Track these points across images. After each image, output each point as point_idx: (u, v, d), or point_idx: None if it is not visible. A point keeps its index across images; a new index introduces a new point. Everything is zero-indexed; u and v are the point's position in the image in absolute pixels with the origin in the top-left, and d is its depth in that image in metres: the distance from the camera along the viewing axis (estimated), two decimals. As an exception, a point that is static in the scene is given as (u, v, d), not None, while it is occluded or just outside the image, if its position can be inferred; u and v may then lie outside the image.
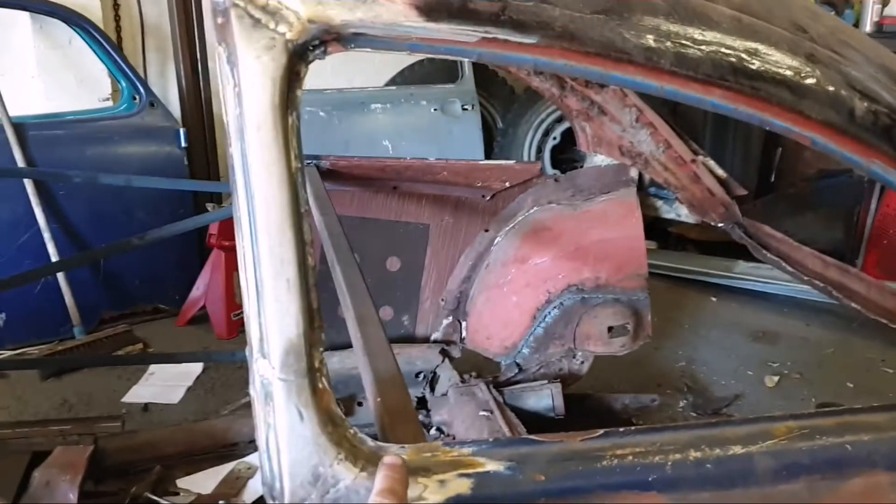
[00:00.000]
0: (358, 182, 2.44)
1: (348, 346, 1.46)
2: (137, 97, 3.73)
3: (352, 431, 0.83)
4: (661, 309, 3.64)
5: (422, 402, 2.55)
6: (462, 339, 2.64)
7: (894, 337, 2.06)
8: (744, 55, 0.96)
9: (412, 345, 2.61)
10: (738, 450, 0.92)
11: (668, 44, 0.92)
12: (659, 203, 2.68)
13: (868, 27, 3.86)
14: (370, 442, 0.83)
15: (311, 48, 0.83)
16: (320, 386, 0.82)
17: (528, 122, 4.81)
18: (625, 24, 0.91)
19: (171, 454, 2.24)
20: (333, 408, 0.82)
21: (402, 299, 2.64)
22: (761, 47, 0.98)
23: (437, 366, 2.56)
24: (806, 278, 2.16)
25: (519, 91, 5.05)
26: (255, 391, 0.83)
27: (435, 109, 4.57)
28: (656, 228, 4.43)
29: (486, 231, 2.59)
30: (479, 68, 4.57)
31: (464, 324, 2.65)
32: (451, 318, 2.65)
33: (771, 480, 0.93)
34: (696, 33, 0.94)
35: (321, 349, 0.82)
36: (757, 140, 4.63)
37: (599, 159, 2.56)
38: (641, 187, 2.58)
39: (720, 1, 1.00)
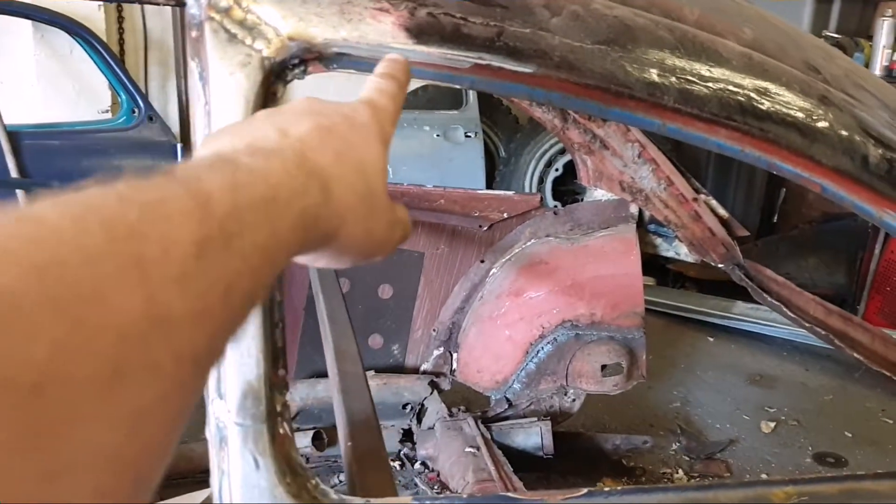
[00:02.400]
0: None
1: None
2: (136, 110, 3.70)
3: (313, 483, 0.76)
4: (656, 347, 3.58)
5: (408, 435, 2.48)
6: (452, 372, 2.58)
7: (895, 387, 2.00)
8: (753, 94, 0.90)
9: (401, 375, 2.55)
10: (732, 517, 0.85)
11: (673, 79, 0.87)
12: (658, 240, 2.63)
13: (878, 71, 3.83)
14: (332, 495, 0.77)
15: (290, 67, 0.77)
16: (281, 431, 0.75)
17: (531, 153, 4.77)
18: (627, 57, 0.85)
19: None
20: (294, 456, 0.76)
21: (393, 328, 2.58)
22: (772, 87, 0.92)
23: (426, 398, 2.50)
24: (807, 325, 2.10)
25: (523, 121, 5.01)
26: (209, 434, 0.76)
27: (437, 135, 4.53)
28: (655, 265, 4.37)
29: (482, 262, 2.53)
30: (483, 96, 4.53)
31: (455, 355, 2.59)
32: (442, 349, 2.59)
33: (767, 552, 0.86)
34: (703, 69, 0.89)
35: (284, 392, 0.76)
36: (760, 180, 4.59)
37: (600, 194, 2.51)
38: (641, 224, 2.54)
39: (730, 36, 0.95)
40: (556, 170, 4.78)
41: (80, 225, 0.33)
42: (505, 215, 2.49)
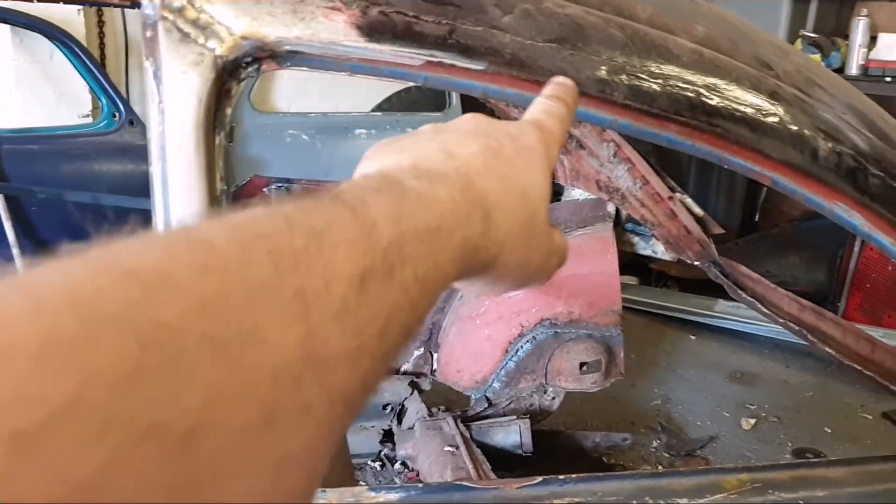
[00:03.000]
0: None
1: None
2: (117, 114, 3.69)
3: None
4: (638, 346, 3.61)
5: (388, 435, 2.49)
6: (433, 372, 2.59)
7: (876, 385, 2.02)
8: (702, 90, 0.92)
9: (381, 375, 2.56)
10: (683, 502, 0.87)
11: (623, 76, 0.89)
12: (635, 239, 2.66)
13: (854, 70, 3.86)
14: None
15: (243, 65, 0.79)
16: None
17: (514, 154, 4.79)
18: (578, 55, 0.87)
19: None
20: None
21: (373, 328, 2.59)
22: (721, 83, 0.94)
23: (406, 398, 2.52)
24: (781, 320, 2.13)
25: (506, 122, 5.04)
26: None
27: (420, 137, 4.54)
28: (637, 264, 4.40)
29: (461, 261, 2.55)
30: (467, 98, 4.55)
31: (435, 356, 2.60)
32: (422, 349, 2.60)
33: (719, 537, 0.88)
34: (653, 66, 0.91)
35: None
36: (741, 179, 4.62)
37: (577, 193, 2.53)
38: (618, 223, 2.57)
39: (682, 34, 0.97)
40: (539, 171, 4.80)
41: (248, 253, 0.31)
42: (484, 215, 2.50)
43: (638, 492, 0.87)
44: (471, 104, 4.58)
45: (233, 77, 0.79)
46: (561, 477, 0.87)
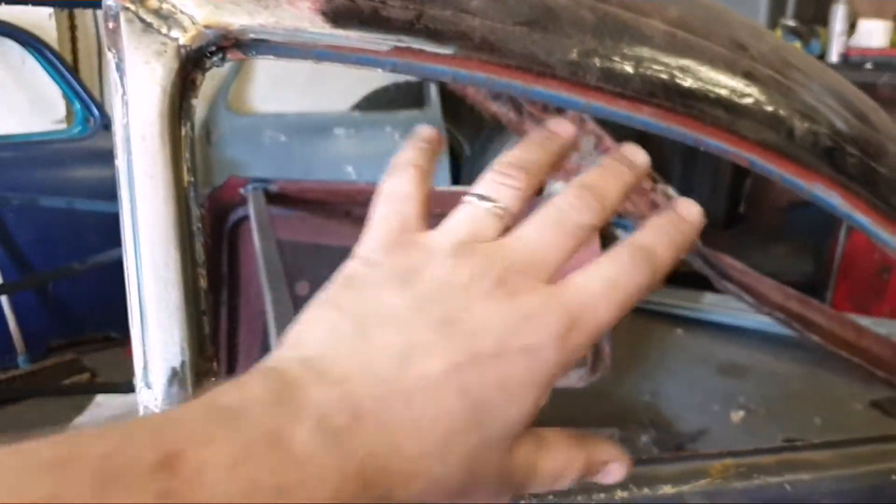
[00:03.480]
0: (309, 206, 2.38)
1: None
2: (91, 119, 3.66)
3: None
4: (626, 341, 3.60)
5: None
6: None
7: (863, 373, 2.02)
8: (676, 72, 0.91)
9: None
10: (668, 489, 0.86)
11: (595, 59, 0.88)
12: (618, 231, 2.65)
13: (834, 57, 3.88)
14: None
15: (207, 55, 0.77)
16: (210, 419, 0.75)
17: (496, 150, 4.78)
18: (548, 37, 0.86)
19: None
20: (225, 443, 0.76)
21: (357, 329, 2.58)
22: (695, 64, 0.93)
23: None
24: (766, 309, 2.13)
25: (487, 119, 5.03)
26: (139, 425, 0.76)
27: (401, 136, 4.54)
28: (623, 259, 4.40)
29: (445, 259, 2.54)
30: (446, 95, 4.54)
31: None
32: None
33: (704, 523, 0.87)
34: (626, 48, 0.90)
35: (212, 379, 0.76)
36: (726, 169, 4.63)
37: (559, 186, 2.52)
38: (602, 216, 2.56)
39: (655, 15, 0.96)
40: (523, 168, 4.79)
41: None
42: (466, 212, 2.49)
43: (623, 479, 0.86)
44: (449, 101, 4.57)
45: (197, 67, 0.77)
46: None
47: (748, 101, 0.95)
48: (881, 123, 1.15)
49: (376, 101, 4.85)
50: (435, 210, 2.04)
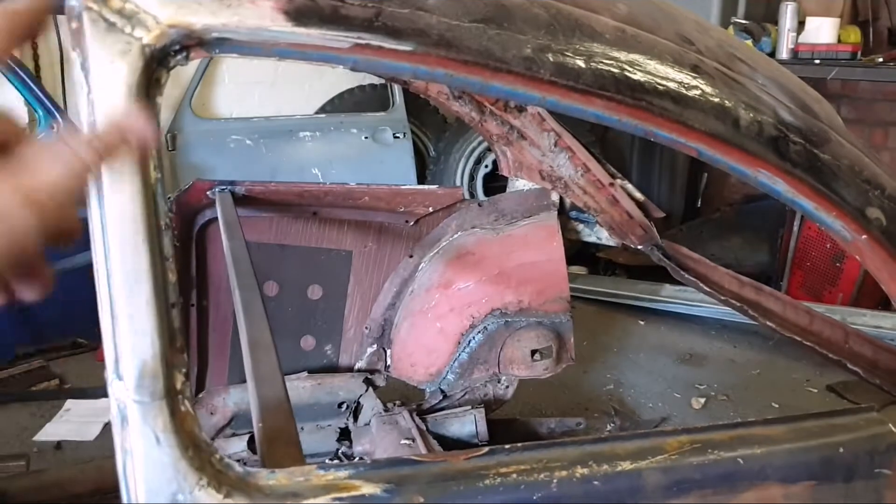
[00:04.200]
0: (276, 208, 2.39)
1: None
2: (55, 126, 3.63)
3: (217, 457, 0.78)
4: (589, 333, 3.66)
5: (345, 433, 2.49)
6: (387, 368, 2.60)
7: (817, 357, 2.08)
8: (626, 66, 0.95)
9: (335, 374, 2.56)
10: (626, 465, 0.90)
11: (549, 54, 0.91)
12: (580, 226, 2.69)
13: (784, 54, 3.98)
14: (237, 467, 0.79)
15: (171, 53, 0.79)
16: (182, 409, 0.77)
17: (460, 151, 4.83)
18: (504, 34, 0.89)
19: (80, 493, 2.15)
20: (197, 432, 0.78)
21: (325, 328, 2.59)
22: (644, 58, 0.97)
23: (361, 395, 2.52)
24: (722, 298, 2.18)
25: (451, 119, 5.07)
26: (112, 416, 0.78)
27: (366, 137, 4.55)
28: (585, 254, 4.47)
29: (411, 257, 2.56)
30: (410, 97, 4.57)
31: (388, 352, 2.61)
32: (375, 346, 2.61)
33: (661, 496, 0.91)
34: (577, 44, 0.93)
35: (183, 370, 0.78)
36: (683, 166, 4.73)
37: (521, 184, 2.56)
38: (563, 211, 2.59)
39: (604, 12, 1.00)
40: (486, 166, 4.85)
41: None
42: (430, 209, 2.51)
43: (582, 457, 0.89)
44: (414, 102, 4.61)
45: (162, 65, 0.79)
46: (507, 447, 0.89)
47: (695, 92, 1.00)
48: (823, 113, 1.20)
49: (341, 104, 4.87)
50: (399, 209, 2.06)
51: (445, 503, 0.82)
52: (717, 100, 1.00)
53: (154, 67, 0.78)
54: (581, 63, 0.93)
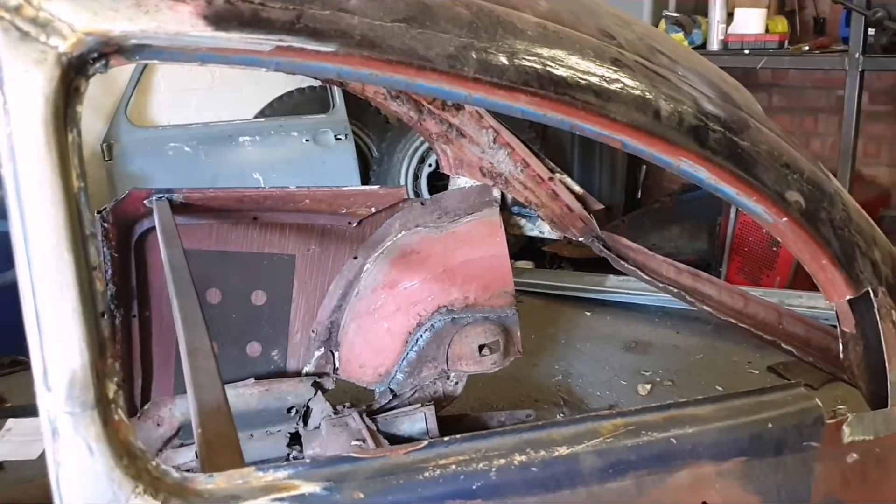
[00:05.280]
0: (215, 214, 2.37)
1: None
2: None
3: (153, 464, 0.78)
4: (537, 326, 3.71)
5: (295, 438, 2.48)
6: (335, 370, 2.59)
7: (760, 342, 2.14)
8: (548, 62, 0.98)
9: (282, 380, 2.54)
10: (563, 451, 0.92)
11: (472, 52, 0.93)
12: (522, 221, 2.73)
13: (715, 45, 4.08)
14: (174, 473, 0.79)
15: (90, 61, 0.78)
16: (115, 418, 0.77)
17: (403, 150, 4.83)
18: (426, 33, 0.91)
19: (23, 514, 2.11)
20: (131, 440, 0.77)
21: (271, 334, 2.57)
22: (566, 54, 1.00)
23: (310, 399, 2.51)
24: (661, 285, 2.23)
25: (393, 120, 5.07)
26: (43, 428, 0.77)
27: (307, 140, 4.52)
28: (531, 248, 4.52)
29: (355, 258, 2.56)
30: (351, 98, 4.56)
31: (336, 354, 2.60)
32: (322, 349, 2.60)
33: (597, 479, 0.93)
34: (500, 41, 0.95)
35: (115, 379, 0.77)
36: (622, 159, 4.81)
37: (463, 181, 2.58)
38: (505, 207, 2.62)
39: (526, 9, 1.02)
40: (430, 165, 4.86)
41: None
42: (373, 210, 2.51)
43: (520, 444, 0.91)
44: (355, 104, 4.59)
45: (80, 74, 0.78)
46: (446, 438, 0.90)
47: (616, 86, 1.02)
48: (743, 101, 1.24)
49: (280, 108, 4.83)
50: (341, 210, 2.05)
51: (385, 498, 0.83)
52: (638, 92, 1.03)
53: (72, 76, 0.77)
54: (504, 60, 0.94)
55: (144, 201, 2.22)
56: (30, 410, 3.17)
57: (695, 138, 1.07)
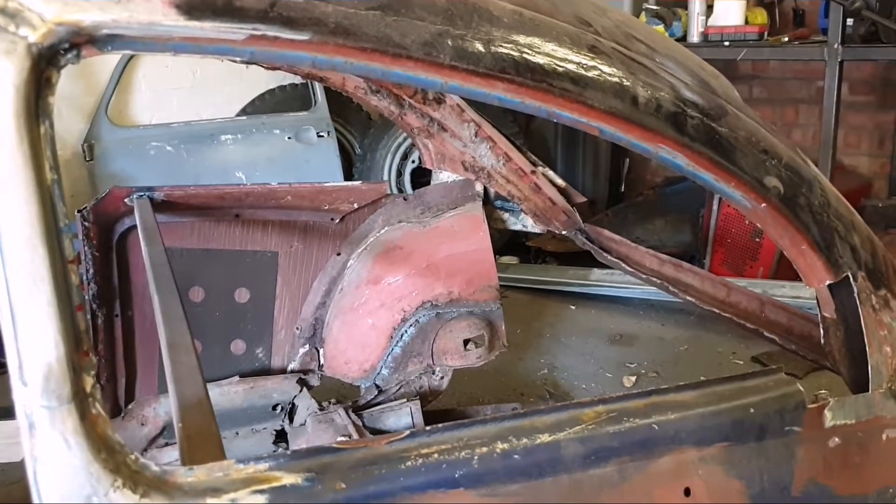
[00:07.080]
0: (197, 212, 2.35)
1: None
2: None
3: (132, 457, 0.77)
4: (523, 320, 3.71)
5: (281, 435, 2.47)
6: (320, 367, 2.58)
7: (743, 331, 2.16)
8: (525, 49, 0.97)
9: (267, 377, 2.53)
10: (545, 438, 0.92)
11: (448, 39, 0.92)
12: (505, 215, 2.72)
13: (695, 37, 4.09)
14: (154, 467, 0.78)
15: (61, 52, 0.77)
16: (93, 412, 0.76)
17: (386, 147, 4.82)
18: (402, 21, 0.90)
19: (6, 517, 2.09)
20: (109, 433, 0.77)
21: (255, 331, 2.56)
22: (542, 41, 0.99)
23: (295, 396, 2.50)
24: (644, 276, 2.24)
25: (375, 116, 5.06)
26: (19, 423, 0.76)
27: (289, 138, 4.51)
28: (516, 243, 4.53)
29: (338, 254, 2.55)
30: (333, 95, 4.54)
31: (321, 351, 2.59)
32: (307, 346, 2.59)
33: (580, 466, 0.93)
34: (476, 28, 0.95)
35: (92, 372, 0.77)
36: (605, 153, 4.82)
37: (445, 176, 2.57)
38: (487, 201, 2.62)
39: (502, -3, 1.01)
40: (413, 161, 4.85)
41: None
42: (355, 206, 2.51)
43: (502, 433, 0.91)
44: (337, 100, 4.58)
45: (51, 64, 0.77)
46: (428, 428, 0.90)
47: (594, 73, 1.02)
48: (720, 88, 1.24)
49: (262, 105, 4.81)
50: (323, 206, 2.05)
51: (367, 488, 0.83)
52: (615, 79, 1.03)
53: (43, 67, 0.76)
54: (480, 47, 0.94)
55: (125, 200, 2.21)
56: (13, 412, 3.15)
57: (673, 125, 1.07)
